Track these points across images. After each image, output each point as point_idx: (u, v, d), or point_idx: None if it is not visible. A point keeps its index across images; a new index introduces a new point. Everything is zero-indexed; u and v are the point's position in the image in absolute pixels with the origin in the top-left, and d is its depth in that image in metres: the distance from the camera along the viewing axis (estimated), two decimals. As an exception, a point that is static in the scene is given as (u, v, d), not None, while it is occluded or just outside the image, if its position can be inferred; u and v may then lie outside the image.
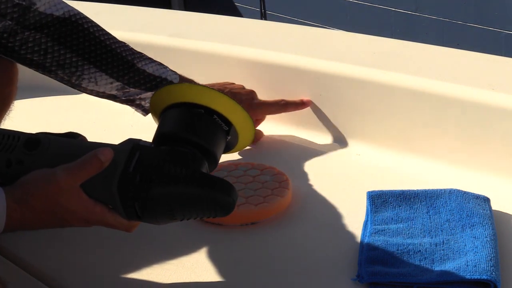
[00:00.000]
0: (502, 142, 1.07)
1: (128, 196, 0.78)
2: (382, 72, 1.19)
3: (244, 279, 0.88)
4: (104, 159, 0.78)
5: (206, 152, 0.82)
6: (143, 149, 0.80)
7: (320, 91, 1.24)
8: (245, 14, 3.94)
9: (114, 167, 0.78)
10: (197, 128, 0.83)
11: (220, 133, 0.84)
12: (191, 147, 0.81)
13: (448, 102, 1.12)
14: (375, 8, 3.32)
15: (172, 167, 0.78)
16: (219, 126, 0.83)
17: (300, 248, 0.94)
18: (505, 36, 2.91)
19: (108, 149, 0.79)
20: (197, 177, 0.78)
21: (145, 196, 0.77)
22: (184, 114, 0.83)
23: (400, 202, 0.99)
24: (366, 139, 1.20)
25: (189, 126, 0.83)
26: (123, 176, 0.78)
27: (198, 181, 0.78)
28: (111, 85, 1.06)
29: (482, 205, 0.96)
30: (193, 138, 0.82)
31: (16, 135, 0.84)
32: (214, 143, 0.83)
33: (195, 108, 0.83)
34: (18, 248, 0.94)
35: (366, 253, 0.88)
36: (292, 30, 1.54)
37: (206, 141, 0.82)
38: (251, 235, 0.97)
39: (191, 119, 0.83)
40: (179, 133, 0.82)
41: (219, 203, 0.78)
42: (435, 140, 1.14)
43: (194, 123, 0.83)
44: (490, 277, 0.81)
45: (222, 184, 0.79)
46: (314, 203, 1.04)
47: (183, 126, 0.83)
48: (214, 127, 0.83)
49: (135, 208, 0.78)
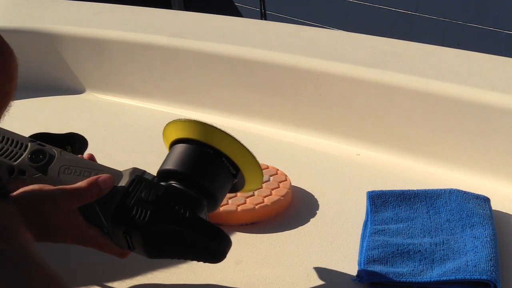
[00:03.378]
0: (502, 142, 1.07)
1: (122, 228, 0.78)
2: (382, 72, 1.19)
3: (244, 279, 0.88)
4: (104, 187, 0.79)
5: (208, 194, 0.81)
6: (145, 182, 0.80)
7: (320, 91, 1.24)
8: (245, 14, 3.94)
9: (113, 195, 0.79)
10: (203, 170, 0.82)
11: (227, 177, 0.83)
12: (194, 188, 0.81)
13: (448, 102, 1.12)
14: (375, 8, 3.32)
15: (169, 206, 0.78)
16: (227, 169, 0.82)
17: (300, 248, 0.94)
18: (505, 36, 2.91)
19: (110, 177, 0.79)
20: (192, 221, 0.78)
21: (137, 231, 0.77)
22: (192, 153, 0.82)
23: (400, 202, 0.99)
24: (366, 139, 1.20)
25: (196, 166, 0.82)
26: (120, 207, 0.78)
27: (192, 225, 0.77)
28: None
29: (482, 205, 0.96)
30: (197, 179, 0.81)
31: (24, 143, 0.84)
32: (218, 186, 0.82)
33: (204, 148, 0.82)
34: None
35: (366, 253, 0.88)
36: (292, 30, 1.54)
37: (210, 184, 0.81)
38: (251, 235, 0.97)
39: (199, 158, 0.82)
40: (184, 172, 0.81)
41: (210, 251, 0.78)
42: (435, 140, 1.14)
43: (201, 164, 0.82)
44: (490, 277, 0.81)
45: (215, 232, 0.78)
46: (314, 203, 1.04)
47: (189, 165, 0.82)
48: (221, 169, 0.82)
49: (127, 240, 0.79)
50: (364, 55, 1.28)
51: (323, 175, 1.12)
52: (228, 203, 1.00)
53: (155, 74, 1.44)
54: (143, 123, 1.35)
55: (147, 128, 1.31)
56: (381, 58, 1.26)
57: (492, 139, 1.09)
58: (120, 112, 1.42)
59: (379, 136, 1.19)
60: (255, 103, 1.32)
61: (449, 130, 1.13)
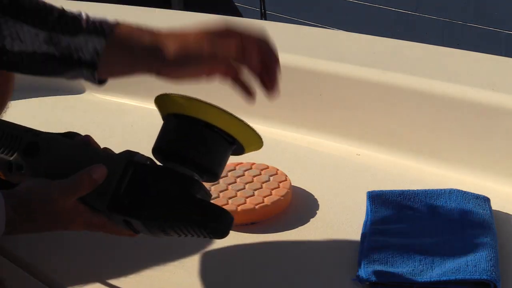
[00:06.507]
0: (502, 142, 1.07)
1: (120, 217, 0.78)
2: (382, 72, 1.19)
3: (244, 279, 0.88)
4: (97, 177, 0.78)
5: (205, 170, 0.80)
6: (138, 166, 0.79)
7: (320, 91, 1.24)
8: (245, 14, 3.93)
9: (107, 184, 0.78)
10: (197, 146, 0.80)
11: (223, 147, 0.81)
12: (189, 164, 0.80)
13: (448, 102, 1.12)
14: (375, 8, 3.31)
15: (162, 192, 0.77)
16: (222, 140, 0.81)
17: (300, 248, 0.94)
18: (505, 36, 2.90)
19: (102, 167, 0.79)
20: (189, 203, 0.77)
21: (134, 218, 0.77)
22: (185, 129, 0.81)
23: (400, 202, 0.99)
24: (366, 139, 1.20)
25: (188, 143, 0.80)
26: (114, 196, 0.78)
27: (189, 207, 0.77)
28: (37, 37, 0.85)
29: (482, 205, 0.96)
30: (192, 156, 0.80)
31: (19, 136, 0.84)
32: (215, 160, 0.81)
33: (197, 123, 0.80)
34: (18, 248, 0.94)
35: (366, 253, 0.88)
36: (292, 30, 1.54)
37: (205, 158, 0.80)
38: (251, 235, 0.97)
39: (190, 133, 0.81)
40: (177, 150, 0.80)
41: (210, 230, 0.77)
42: (435, 140, 1.14)
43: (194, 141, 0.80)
44: (490, 277, 0.81)
45: (214, 211, 0.77)
46: (314, 203, 1.04)
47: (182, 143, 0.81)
48: (216, 142, 0.81)
49: (128, 226, 0.79)
50: (364, 55, 1.28)
51: (323, 175, 1.12)
52: (228, 203, 1.00)
53: (155, 74, 1.44)
54: (143, 123, 1.35)
55: (147, 128, 1.30)
56: (381, 58, 1.26)
57: (492, 139, 1.09)
58: (120, 112, 1.42)
59: (379, 136, 1.19)
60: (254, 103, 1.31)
61: (449, 130, 1.13)
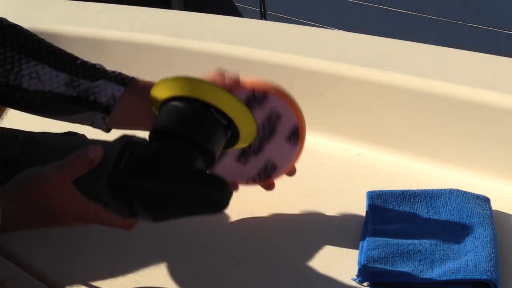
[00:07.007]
0: (502, 142, 1.07)
1: (119, 194, 0.77)
2: (382, 72, 1.19)
3: (244, 278, 0.88)
4: (94, 156, 0.78)
5: (201, 148, 0.80)
6: (135, 145, 0.79)
7: (320, 91, 1.24)
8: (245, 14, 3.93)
9: (105, 164, 0.78)
10: (192, 124, 0.81)
11: (219, 128, 0.82)
12: (186, 143, 0.80)
13: (448, 102, 1.12)
14: (375, 8, 3.31)
15: (162, 163, 0.76)
16: (217, 120, 0.81)
17: (300, 248, 0.94)
18: (505, 36, 2.90)
19: (98, 146, 0.79)
20: (188, 173, 0.76)
21: (134, 193, 0.76)
22: (180, 109, 0.81)
23: (400, 202, 0.99)
24: (366, 139, 1.20)
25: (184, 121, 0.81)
26: (113, 173, 0.77)
27: (188, 178, 0.76)
28: (57, 78, 0.88)
29: (482, 205, 0.96)
30: (187, 134, 0.80)
31: (15, 134, 0.84)
32: (210, 139, 0.81)
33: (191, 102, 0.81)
34: (18, 248, 0.94)
35: (366, 253, 0.88)
36: (292, 30, 1.53)
37: (200, 137, 0.80)
38: (251, 235, 0.97)
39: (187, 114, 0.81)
40: (173, 129, 0.81)
41: (211, 200, 0.76)
42: (435, 140, 1.14)
43: (189, 119, 0.81)
44: (490, 277, 0.81)
45: (215, 180, 0.77)
46: (314, 203, 1.04)
47: (177, 121, 0.81)
48: (210, 122, 0.81)
49: (127, 205, 0.78)
50: (364, 55, 1.28)
51: (323, 175, 1.12)
52: None
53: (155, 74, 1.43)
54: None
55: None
56: (381, 58, 1.26)
57: (492, 139, 1.09)
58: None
59: (379, 136, 1.19)
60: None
61: (449, 130, 1.13)
